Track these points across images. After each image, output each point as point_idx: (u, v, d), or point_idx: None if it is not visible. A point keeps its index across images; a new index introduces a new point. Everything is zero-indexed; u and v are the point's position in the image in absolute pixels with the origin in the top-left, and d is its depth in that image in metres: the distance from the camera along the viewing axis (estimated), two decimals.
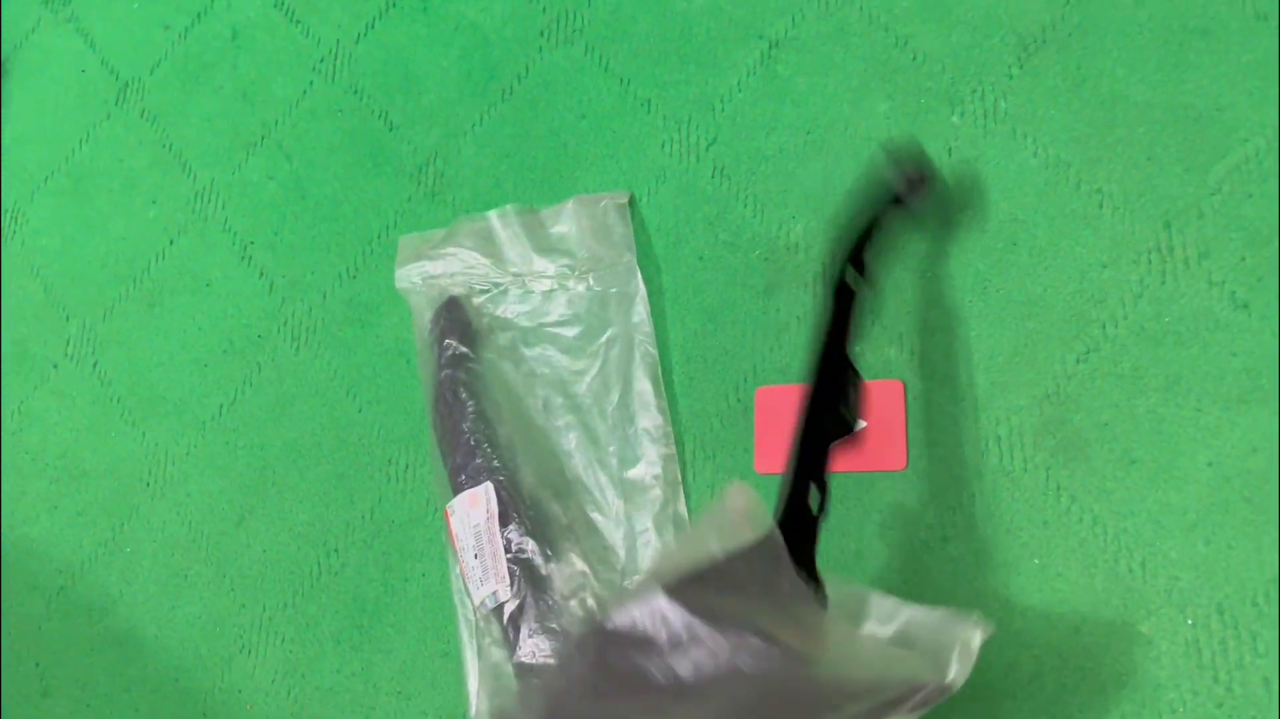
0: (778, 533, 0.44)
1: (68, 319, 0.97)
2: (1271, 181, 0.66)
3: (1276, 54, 0.67)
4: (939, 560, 0.67)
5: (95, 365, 0.95)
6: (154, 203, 0.98)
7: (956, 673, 0.49)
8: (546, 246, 0.81)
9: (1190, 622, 0.61)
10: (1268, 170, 0.66)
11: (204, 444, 0.89)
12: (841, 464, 0.70)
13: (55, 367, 0.96)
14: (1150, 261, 0.67)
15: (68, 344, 0.96)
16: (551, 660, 0.66)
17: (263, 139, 0.95)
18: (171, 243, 0.96)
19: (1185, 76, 0.69)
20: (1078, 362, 0.67)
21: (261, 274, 0.92)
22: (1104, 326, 0.67)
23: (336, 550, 0.82)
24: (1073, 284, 0.69)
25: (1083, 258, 0.69)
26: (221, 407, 0.89)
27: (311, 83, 0.94)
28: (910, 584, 0.67)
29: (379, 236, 0.89)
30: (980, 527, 0.66)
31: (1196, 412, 0.64)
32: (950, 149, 0.74)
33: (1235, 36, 0.69)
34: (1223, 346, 0.65)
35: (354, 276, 0.88)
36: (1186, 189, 0.68)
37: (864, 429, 0.70)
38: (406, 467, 0.82)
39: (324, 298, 0.89)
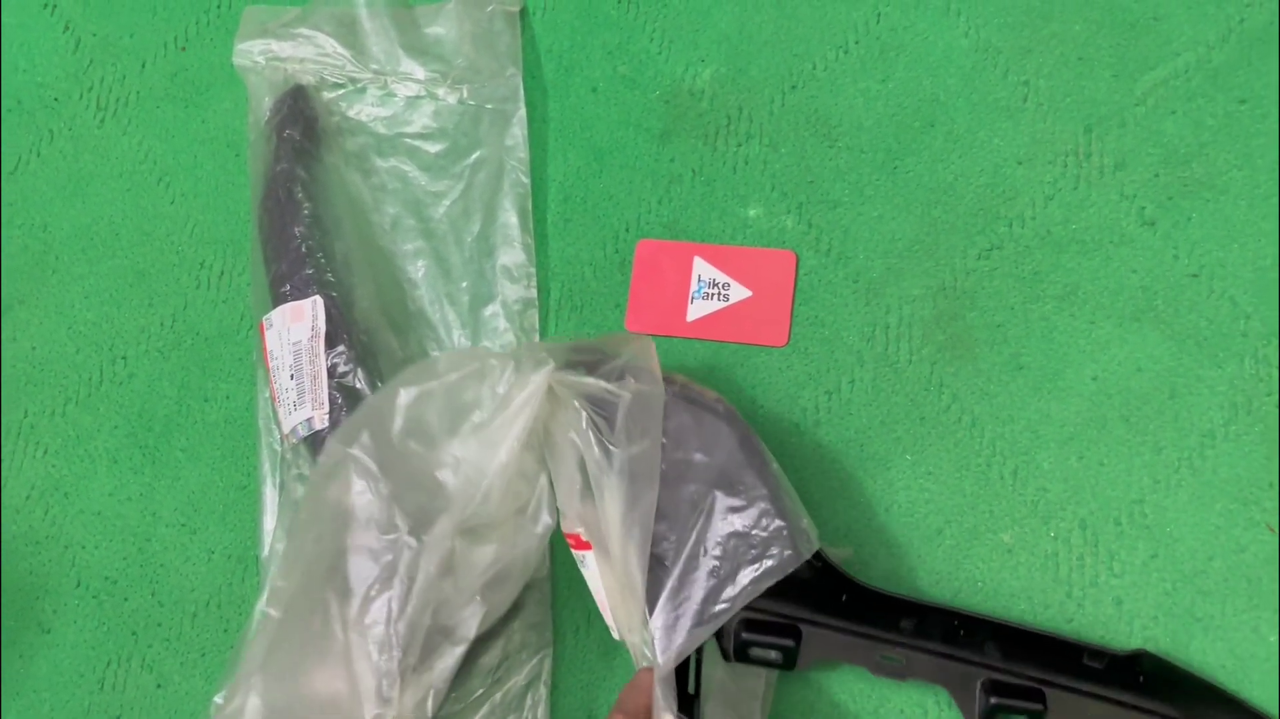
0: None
1: None
2: (1196, 101, 0.63)
3: None
4: (808, 445, 0.62)
5: None
6: None
7: None
8: (418, 47, 0.71)
9: (1052, 534, 0.59)
10: (1195, 89, 0.64)
11: None
12: (720, 333, 0.65)
13: None
14: (1066, 165, 0.64)
15: None
16: None
17: None
18: None
19: None
20: (979, 257, 0.64)
21: (67, 28, 0.77)
22: (1010, 225, 0.64)
23: (125, 358, 0.70)
24: (985, 177, 0.65)
25: (999, 150, 0.65)
26: None
27: None
28: None
29: (217, 7, 0.76)
30: (856, 414, 0.62)
31: (1090, 324, 0.61)
32: (879, 15, 0.68)
33: None
34: (1124, 262, 0.62)
35: (182, 48, 0.75)
36: (1113, 95, 0.65)
37: (748, 299, 0.65)
38: (221, 273, 0.71)
39: (143, 66, 0.75)
